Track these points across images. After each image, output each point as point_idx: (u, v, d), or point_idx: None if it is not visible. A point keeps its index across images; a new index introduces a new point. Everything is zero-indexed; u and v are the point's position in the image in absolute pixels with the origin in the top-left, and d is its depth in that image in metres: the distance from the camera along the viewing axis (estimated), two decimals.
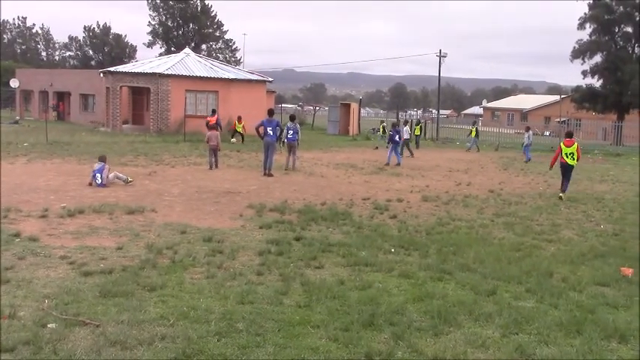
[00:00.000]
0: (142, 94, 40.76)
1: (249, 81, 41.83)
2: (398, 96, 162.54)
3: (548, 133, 57.67)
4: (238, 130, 33.34)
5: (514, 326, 6.39)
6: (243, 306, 6.67)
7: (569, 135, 17.23)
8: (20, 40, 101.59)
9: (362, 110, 61.23)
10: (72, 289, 7.01)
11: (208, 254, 8.90)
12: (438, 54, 48.25)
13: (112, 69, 41.68)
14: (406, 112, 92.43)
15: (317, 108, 74.76)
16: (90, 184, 15.58)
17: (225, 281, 7.61)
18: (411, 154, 28.93)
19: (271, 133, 19.40)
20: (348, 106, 49.52)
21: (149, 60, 45.05)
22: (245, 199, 14.27)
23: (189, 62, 40.90)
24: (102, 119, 42.33)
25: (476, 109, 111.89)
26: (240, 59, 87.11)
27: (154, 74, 37.62)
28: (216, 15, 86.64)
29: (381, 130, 41.33)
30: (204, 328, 5.97)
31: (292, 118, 21.90)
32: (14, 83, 52.34)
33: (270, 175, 18.87)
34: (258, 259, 8.76)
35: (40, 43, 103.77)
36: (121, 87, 39.21)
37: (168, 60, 42.33)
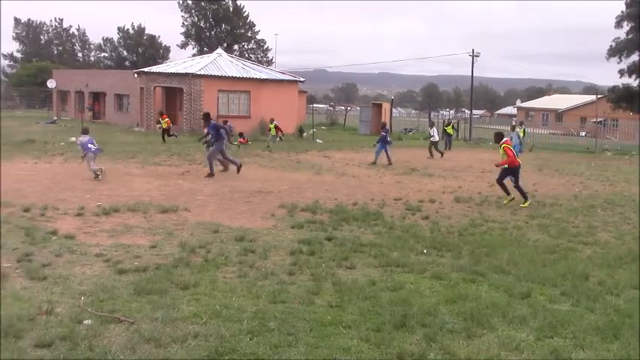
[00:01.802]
0: (175, 94, 41.21)
1: (281, 81, 42.00)
2: (430, 96, 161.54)
3: (584, 134, 56.66)
4: (272, 132, 32.14)
5: (549, 330, 6.29)
6: (275, 305, 6.70)
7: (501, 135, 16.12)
8: (57, 42, 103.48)
9: (394, 110, 60.98)
10: (107, 287, 7.12)
11: (240, 253, 8.96)
12: (471, 53, 47.78)
13: (145, 69, 42.24)
14: (438, 112, 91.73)
15: (348, 108, 74.72)
16: (82, 158, 16.86)
17: (257, 280, 7.65)
18: (441, 154, 28.63)
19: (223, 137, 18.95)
20: (379, 106, 49.38)
21: (182, 60, 45.52)
22: (277, 198, 14.33)
23: (221, 62, 41.23)
24: (136, 119, 42.86)
25: (509, 109, 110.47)
26: (271, 59, 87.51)
27: (186, 74, 38.01)
28: (248, 15, 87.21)
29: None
30: (236, 326, 6.00)
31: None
32: (51, 84, 53.41)
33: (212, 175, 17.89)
34: (290, 259, 8.78)
35: (77, 44, 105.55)
36: (154, 87, 39.70)
37: (200, 60, 42.72)
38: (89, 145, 16.65)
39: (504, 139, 15.56)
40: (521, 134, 35.07)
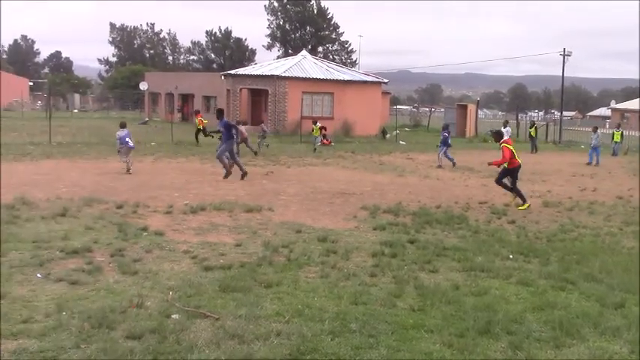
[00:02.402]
0: (260, 95, 42.00)
1: (364, 82, 41.99)
2: (518, 97, 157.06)
3: None
4: (315, 134, 28.97)
5: None
6: (356, 307, 6.69)
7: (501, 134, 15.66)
8: (149, 46, 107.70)
9: (479, 112, 59.70)
10: (194, 283, 7.33)
11: (323, 254, 9.00)
12: (562, 52, 46.07)
13: (232, 71, 43.30)
14: (526, 113, 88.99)
15: (432, 109, 73.79)
16: (118, 151, 17.85)
17: (339, 281, 7.67)
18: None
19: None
20: (464, 107, 48.45)
21: (267, 62, 46.37)
22: (359, 200, 14.32)
23: (305, 64, 41.67)
24: None
25: (603, 111, 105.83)
26: (355, 61, 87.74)
27: (272, 76, 38.67)
28: (332, 17, 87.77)
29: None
30: (318, 326, 6.04)
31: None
32: (143, 86, 55.73)
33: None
34: (372, 261, 8.75)
35: (167, 47, 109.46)
36: (240, 89, 40.62)
37: (285, 62, 43.37)
38: (127, 139, 17.59)
39: (504, 137, 15.20)
40: (617, 138, 33.46)
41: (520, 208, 14.07)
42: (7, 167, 17.83)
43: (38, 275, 7.41)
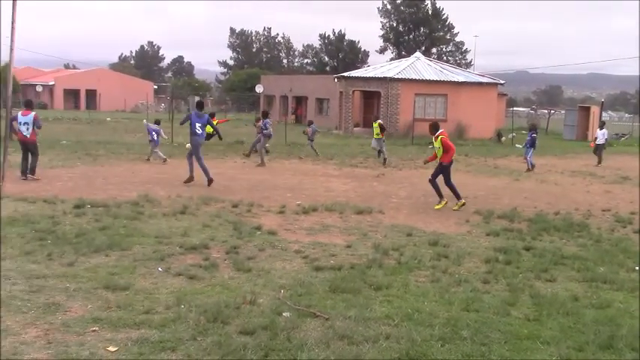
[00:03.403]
0: (372, 97, 42.05)
1: (480, 84, 41.00)
2: None
3: None
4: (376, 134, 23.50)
5: None
6: (468, 313, 6.53)
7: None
8: (266, 49, 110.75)
9: (603, 114, 56.54)
10: (305, 282, 7.44)
11: (433, 258, 8.87)
12: None
13: (345, 74, 43.62)
14: None
15: (552, 111, 70.73)
16: (150, 141, 20.07)
17: (450, 286, 7.52)
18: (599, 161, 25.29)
19: (199, 132, 15.28)
20: (587, 109, 46.06)
21: (380, 65, 46.34)
22: (472, 204, 13.98)
23: (419, 66, 41.27)
24: (335, 122, 44.35)
25: None
26: (470, 62, 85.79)
27: (384, 78, 38.60)
28: (447, 18, 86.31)
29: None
30: (427, 331, 5.95)
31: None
32: (259, 89, 57.38)
33: (211, 180, 15.20)
34: (485, 267, 8.51)
35: (282, 51, 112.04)
36: (353, 91, 40.85)
37: (398, 64, 43.16)
38: (153, 133, 20.21)
39: (441, 129, 13.52)
40: None
41: (437, 207, 13.28)
42: (131, 167, 18.95)
43: (159, 269, 7.80)
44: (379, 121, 23.58)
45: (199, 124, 15.19)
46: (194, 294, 6.84)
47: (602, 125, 27.68)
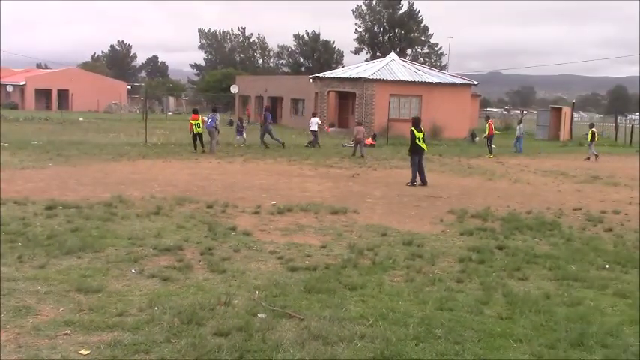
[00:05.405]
0: (347, 98, 42.14)
1: (453, 84, 41.34)
2: (617, 99, 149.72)
3: None
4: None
5: None
6: (442, 312, 6.58)
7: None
8: (239, 50, 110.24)
9: (575, 114, 57.38)
10: (280, 283, 7.44)
11: (408, 257, 8.92)
12: None
13: (320, 74, 43.65)
14: (626, 116, 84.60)
15: (525, 112, 71.61)
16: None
17: (424, 286, 7.57)
18: (595, 157, 27.49)
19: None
20: (559, 109, 46.70)
21: (355, 65, 46.45)
22: (446, 204, 14.09)
23: (393, 67, 41.46)
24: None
25: None
26: (445, 64, 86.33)
27: (359, 79, 38.71)
28: (422, 19, 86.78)
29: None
30: (402, 330, 5.98)
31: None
32: (234, 89, 57.09)
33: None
34: (459, 266, 8.59)
35: (257, 51, 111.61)
36: (328, 91, 40.89)
37: (373, 65, 43.32)
38: (209, 121, 24.67)
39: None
40: None
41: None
42: (105, 167, 18.75)
43: (133, 271, 7.74)
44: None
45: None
46: (168, 295, 6.80)
47: (591, 125, 30.25)
